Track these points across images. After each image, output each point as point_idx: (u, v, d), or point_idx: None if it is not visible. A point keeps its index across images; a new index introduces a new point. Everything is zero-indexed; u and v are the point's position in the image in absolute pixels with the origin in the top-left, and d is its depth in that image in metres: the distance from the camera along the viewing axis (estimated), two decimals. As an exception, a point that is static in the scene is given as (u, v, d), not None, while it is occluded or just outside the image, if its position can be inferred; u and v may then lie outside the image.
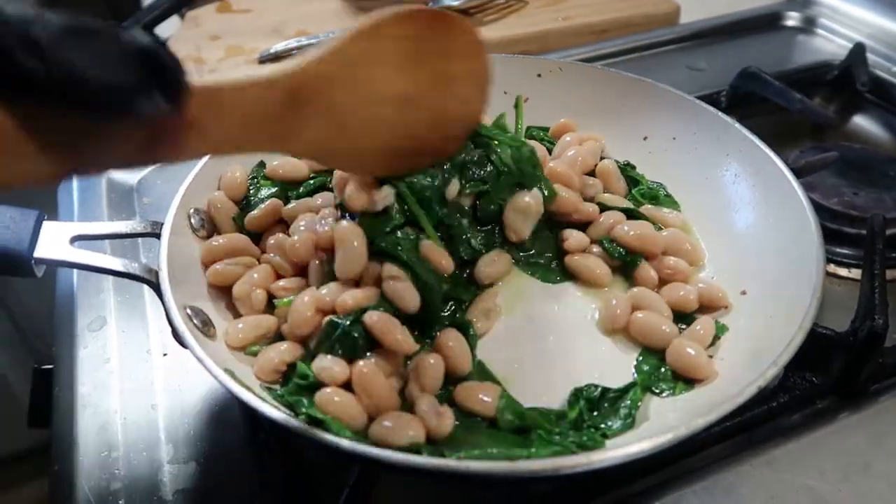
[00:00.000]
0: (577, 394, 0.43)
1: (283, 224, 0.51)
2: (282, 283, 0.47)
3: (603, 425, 0.41)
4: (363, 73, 0.40)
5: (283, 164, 0.54)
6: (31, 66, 0.26)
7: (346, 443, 0.35)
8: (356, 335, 0.41)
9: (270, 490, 0.44)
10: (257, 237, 0.51)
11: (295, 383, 0.41)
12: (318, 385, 0.40)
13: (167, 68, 0.29)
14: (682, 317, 0.48)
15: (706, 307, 0.49)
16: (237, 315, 0.47)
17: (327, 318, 0.42)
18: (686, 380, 0.44)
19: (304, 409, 0.39)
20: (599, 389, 0.43)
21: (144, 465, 0.46)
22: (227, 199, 0.52)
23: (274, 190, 0.53)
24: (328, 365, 0.41)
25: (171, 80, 0.29)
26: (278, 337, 0.45)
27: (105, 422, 0.49)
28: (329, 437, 0.35)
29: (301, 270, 0.48)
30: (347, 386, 0.40)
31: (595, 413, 0.42)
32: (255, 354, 0.44)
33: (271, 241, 0.49)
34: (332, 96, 0.39)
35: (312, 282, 0.46)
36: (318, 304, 0.43)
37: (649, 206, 0.57)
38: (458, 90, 0.44)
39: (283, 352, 0.43)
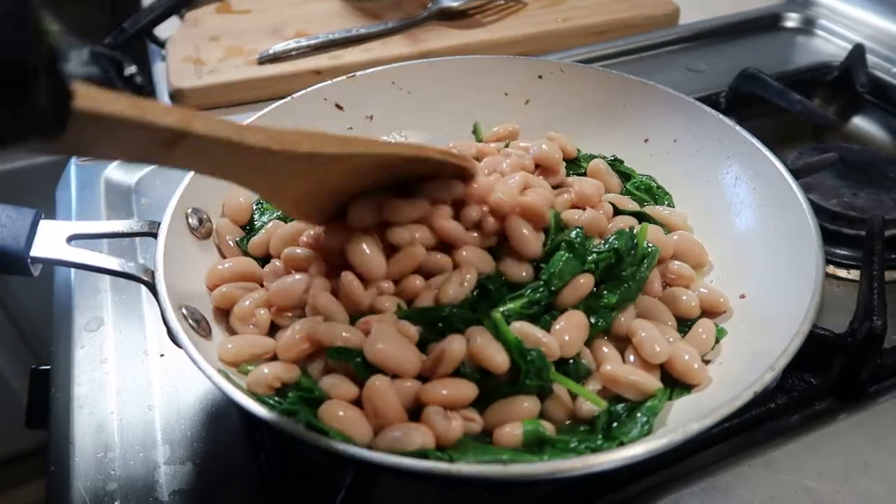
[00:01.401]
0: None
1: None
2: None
3: (621, 434, 0.40)
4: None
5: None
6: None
7: (340, 445, 0.35)
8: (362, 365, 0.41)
9: (266, 491, 0.44)
10: (266, 259, 0.51)
11: (297, 395, 0.41)
12: (322, 398, 0.40)
13: (121, 66, 0.31)
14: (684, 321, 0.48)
15: (707, 312, 0.49)
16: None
17: (337, 346, 0.42)
18: (683, 384, 0.44)
19: (303, 419, 0.38)
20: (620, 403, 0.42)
21: (141, 466, 0.46)
22: (231, 223, 0.52)
23: (277, 213, 0.53)
24: (338, 382, 0.40)
25: (125, 74, 0.31)
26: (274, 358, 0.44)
27: (101, 422, 0.49)
28: (324, 440, 0.35)
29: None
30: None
31: (615, 425, 0.41)
32: (245, 373, 0.43)
33: (276, 263, 0.49)
34: None
35: (309, 312, 0.45)
36: (309, 335, 0.42)
37: (655, 207, 0.56)
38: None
39: (279, 369, 0.42)
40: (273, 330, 0.46)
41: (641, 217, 0.54)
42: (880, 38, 0.87)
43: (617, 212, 0.54)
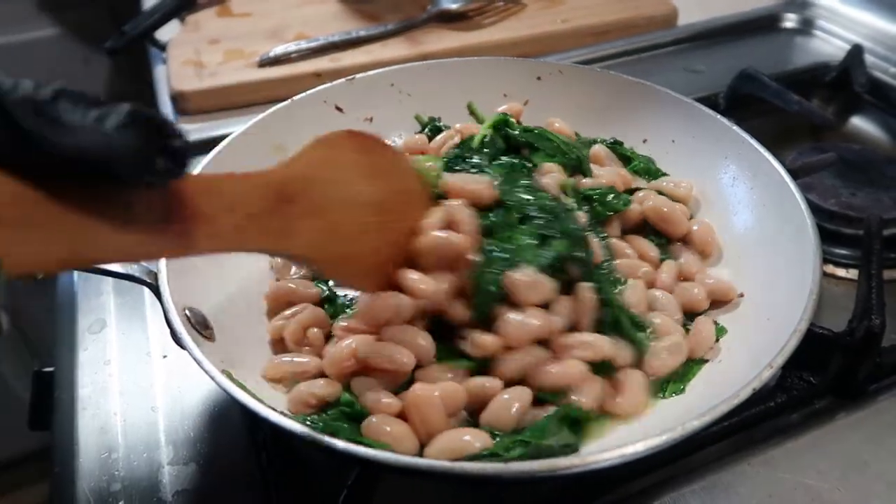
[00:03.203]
0: None
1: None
2: (343, 322, 0.46)
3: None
4: (332, 175, 0.41)
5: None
6: (31, 125, 0.26)
7: (341, 444, 0.35)
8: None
9: (270, 491, 0.45)
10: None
11: (339, 411, 0.41)
12: (363, 413, 0.41)
13: (168, 133, 0.29)
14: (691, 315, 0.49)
15: (716, 303, 0.50)
16: (238, 317, 0.48)
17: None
18: (674, 382, 0.45)
19: (346, 435, 0.39)
20: None
21: (144, 467, 0.46)
22: None
23: None
24: (380, 397, 0.41)
25: (171, 144, 0.29)
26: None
27: (105, 423, 0.49)
28: (325, 439, 0.35)
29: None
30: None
31: None
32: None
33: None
34: (313, 194, 0.40)
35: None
36: (356, 353, 0.43)
37: (660, 181, 0.58)
38: (414, 203, 0.47)
39: (320, 386, 0.42)
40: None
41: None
42: (878, 38, 0.87)
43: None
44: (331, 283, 0.52)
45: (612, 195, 0.54)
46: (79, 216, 0.29)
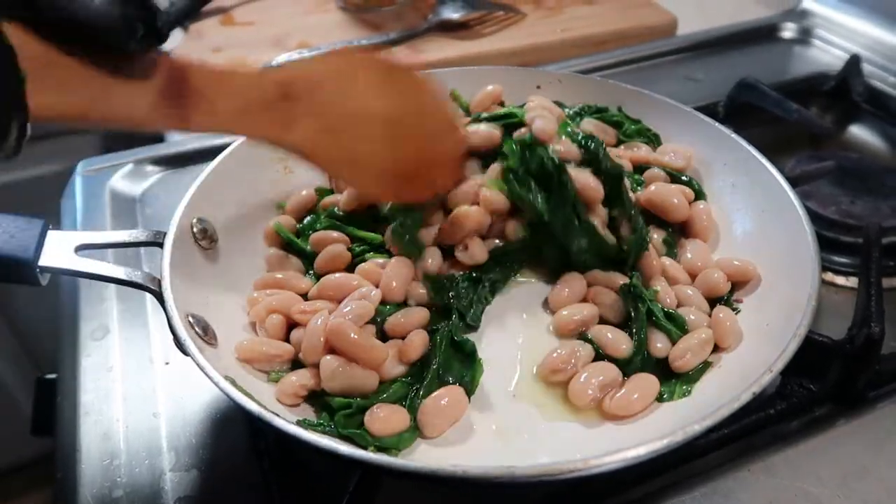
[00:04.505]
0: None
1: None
2: (303, 305, 0.47)
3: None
4: (343, 85, 0.45)
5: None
6: None
7: (343, 448, 0.35)
8: None
9: (271, 496, 0.45)
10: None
11: (342, 416, 0.42)
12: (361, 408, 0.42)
13: (146, 5, 0.35)
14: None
15: (737, 283, 0.50)
16: (240, 323, 0.48)
17: None
18: (684, 383, 0.45)
19: (369, 442, 0.40)
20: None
21: (146, 473, 0.46)
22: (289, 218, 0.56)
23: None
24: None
25: (149, 15, 0.35)
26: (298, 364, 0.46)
27: (108, 430, 0.49)
28: (327, 443, 0.35)
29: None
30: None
31: None
32: (276, 381, 0.44)
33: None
34: (317, 98, 0.44)
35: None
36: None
37: (659, 155, 0.59)
38: (433, 122, 0.49)
39: (303, 376, 0.43)
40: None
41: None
42: (876, 48, 0.88)
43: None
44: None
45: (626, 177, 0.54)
46: (92, 74, 0.35)
